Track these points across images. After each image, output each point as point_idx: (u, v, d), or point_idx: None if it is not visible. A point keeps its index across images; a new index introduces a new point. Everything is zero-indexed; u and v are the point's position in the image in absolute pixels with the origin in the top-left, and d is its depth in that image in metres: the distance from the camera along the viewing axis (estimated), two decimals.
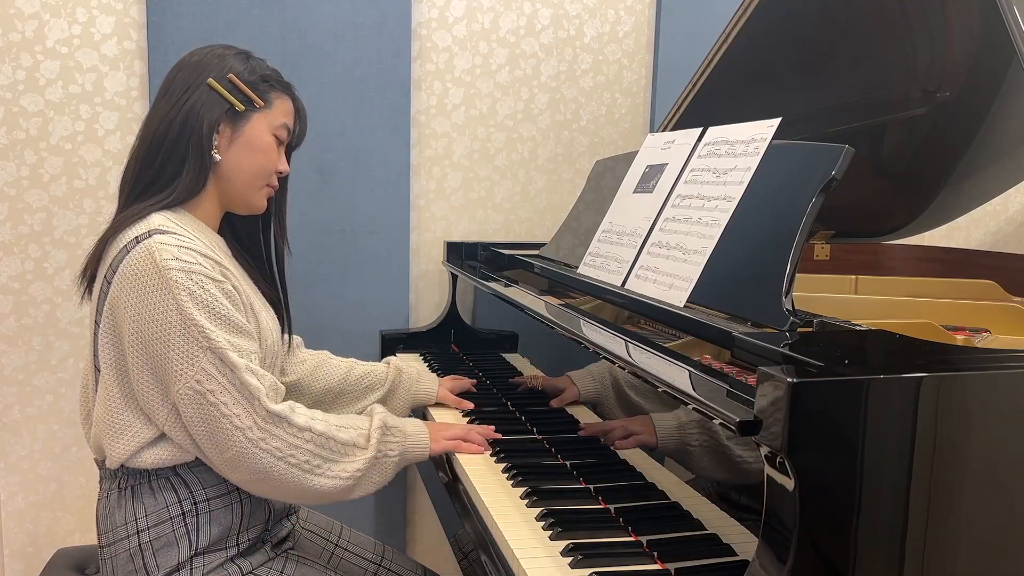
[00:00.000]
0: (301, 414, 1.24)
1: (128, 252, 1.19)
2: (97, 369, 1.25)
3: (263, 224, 1.45)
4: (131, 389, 1.21)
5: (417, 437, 1.36)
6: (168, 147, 1.28)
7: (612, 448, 1.30)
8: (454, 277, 2.21)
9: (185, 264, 1.18)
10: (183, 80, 1.30)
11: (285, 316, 1.46)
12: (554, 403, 1.49)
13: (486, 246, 2.22)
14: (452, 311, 2.21)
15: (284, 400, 1.26)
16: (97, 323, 1.23)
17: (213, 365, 1.17)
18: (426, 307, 2.35)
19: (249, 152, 1.32)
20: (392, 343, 2.19)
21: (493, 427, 1.46)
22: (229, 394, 1.18)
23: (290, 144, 1.40)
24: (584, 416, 1.43)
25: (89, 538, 2.14)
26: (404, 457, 1.33)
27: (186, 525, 1.24)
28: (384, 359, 1.71)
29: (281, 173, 1.38)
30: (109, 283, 1.21)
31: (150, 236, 1.19)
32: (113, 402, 1.22)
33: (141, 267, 1.17)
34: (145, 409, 1.21)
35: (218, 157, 1.30)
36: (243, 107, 1.30)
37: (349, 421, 1.31)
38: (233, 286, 1.25)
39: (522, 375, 1.76)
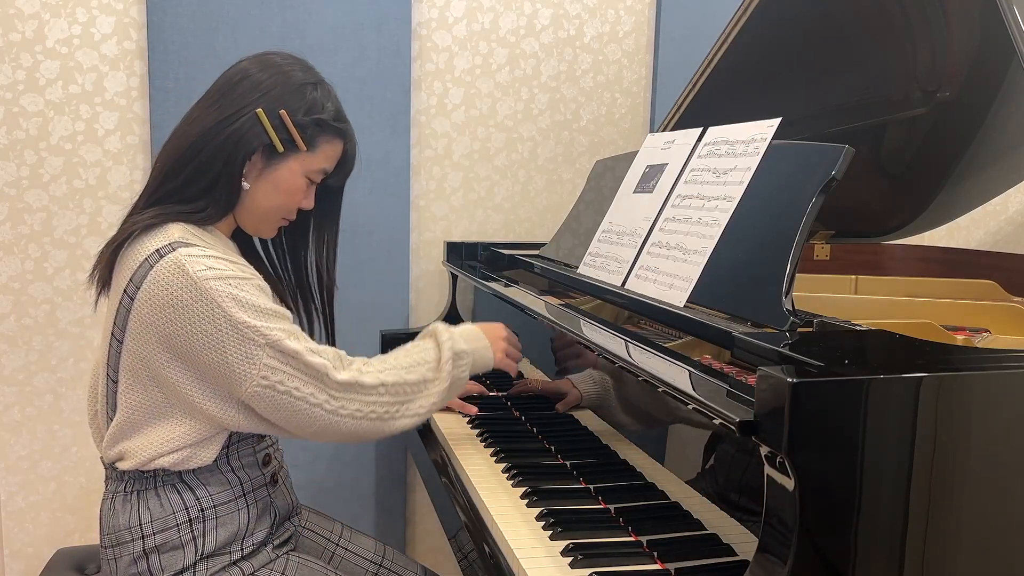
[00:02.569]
0: (369, 373, 1.25)
1: (152, 267, 1.16)
2: (112, 379, 1.23)
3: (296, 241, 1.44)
4: (180, 400, 1.20)
5: (484, 353, 1.40)
6: (201, 162, 1.23)
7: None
8: (454, 277, 2.21)
9: (219, 272, 1.16)
10: (241, 95, 1.25)
11: (330, 333, 1.48)
12: (559, 407, 1.49)
13: (486, 246, 2.22)
14: (452, 311, 2.21)
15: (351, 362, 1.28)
16: (116, 338, 1.21)
17: (274, 358, 1.16)
18: (426, 307, 2.35)
19: (273, 191, 1.28)
20: (392, 343, 2.16)
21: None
22: (298, 379, 1.18)
23: (327, 181, 1.35)
24: (585, 418, 1.43)
25: (89, 538, 2.14)
26: (473, 371, 1.38)
27: (192, 531, 1.24)
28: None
29: (304, 208, 1.34)
30: (132, 299, 1.18)
31: (174, 249, 1.17)
32: (159, 408, 1.20)
33: (175, 283, 1.15)
34: (212, 415, 1.20)
35: (247, 186, 1.27)
36: (282, 149, 1.25)
37: (415, 356, 1.33)
38: (262, 281, 1.24)
39: (522, 375, 1.76)
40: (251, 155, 1.25)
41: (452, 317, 2.21)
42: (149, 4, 2.04)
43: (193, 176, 1.24)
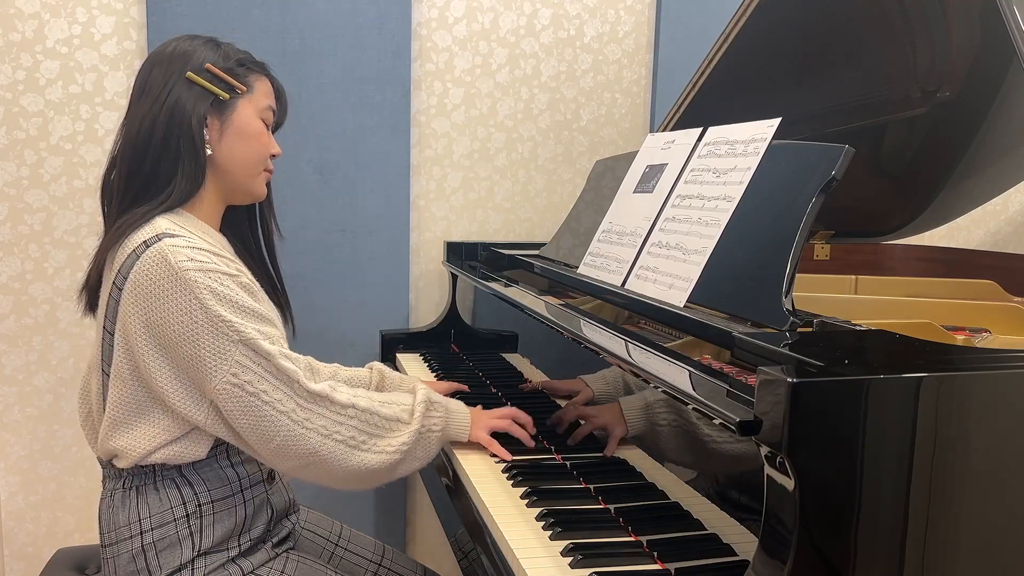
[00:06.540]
0: (343, 392, 1.24)
1: (138, 257, 1.17)
2: (105, 374, 1.23)
3: (252, 213, 1.44)
4: (157, 395, 1.20)
5: (460, 416, 1.38)
6: (157, 148, 1.25)
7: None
8: (454, 277, 2.21)
9: (200, 264, 1.16)
10: (159, 78, 1.27)
11: (285, 302, 1.44)
12: (568, 405, 1.48)
13: (486, 246, 2.22)
14: (452, 311, 2.21)
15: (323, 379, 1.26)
16: (108, 331, 1.22)
17: (246, 356, 1.16)
18: (426, 307, 2.35)
19: (242, 140, 1.30)
20: (392, 343, 2.19)
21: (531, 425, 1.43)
22: (267, 382, 1.17)
23: (276, 124, 1.39)
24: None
25: (89, 538, 2.14)
26: (446, 433, 1.35)
27: (190, 527, 1.24)
28: (367, 364, 1.68)
29: (275, 155, 1.36)
30: (120, 289, 1.19)
31: (160, 240, 1.18)
32: (140, 404, 1.21)
33: (156, 272, 1.15)
34: (180, 411, 1.19)
35: (209, 151, 1.28)
36: (227, 96, 1.28)
37: (392, 397, 1.32)
38: (249, 279, 1.25)
39: (522, 375, 1.76)
40: (205, 119, 1.26)
41: (452, 317, 2.21)
42: (149, 4, 2.04)
43: (157, 162, 1.25)
